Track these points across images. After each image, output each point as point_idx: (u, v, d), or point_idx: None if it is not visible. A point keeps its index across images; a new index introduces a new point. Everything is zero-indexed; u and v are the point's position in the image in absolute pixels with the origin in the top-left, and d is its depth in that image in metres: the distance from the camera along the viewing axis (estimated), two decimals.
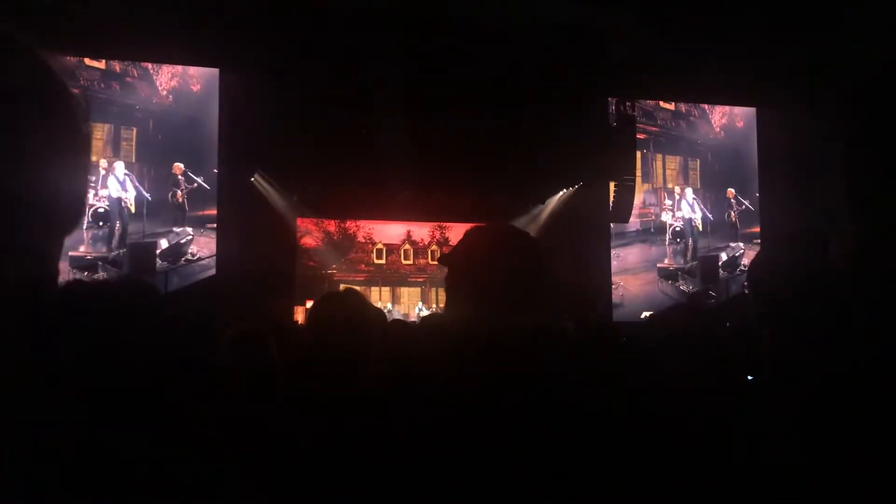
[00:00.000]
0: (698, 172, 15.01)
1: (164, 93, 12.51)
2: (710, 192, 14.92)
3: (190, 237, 12.60)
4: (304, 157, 11.36)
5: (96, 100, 12.04)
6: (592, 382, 2.11)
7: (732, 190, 15.00)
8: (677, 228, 14.83)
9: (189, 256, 12.63)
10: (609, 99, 12.12)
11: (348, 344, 1.95)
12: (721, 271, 14.48)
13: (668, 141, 14.45)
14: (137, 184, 12.58)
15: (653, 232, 14.43)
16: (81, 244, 12.26)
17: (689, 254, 14.79)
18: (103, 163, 12.45)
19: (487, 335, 1.44)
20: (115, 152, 12.53)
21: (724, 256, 14.78)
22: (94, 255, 11.86)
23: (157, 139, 12.63)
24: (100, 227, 12.35)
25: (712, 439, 1.42)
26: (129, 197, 12.50)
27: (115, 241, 12.30)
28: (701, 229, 14.92)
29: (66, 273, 10.42)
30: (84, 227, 12.08)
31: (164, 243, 12.56)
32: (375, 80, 10.41)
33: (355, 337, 1.96)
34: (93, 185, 12.01)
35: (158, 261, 12.10)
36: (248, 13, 10.00)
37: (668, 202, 14.87)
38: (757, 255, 1.53)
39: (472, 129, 11.60)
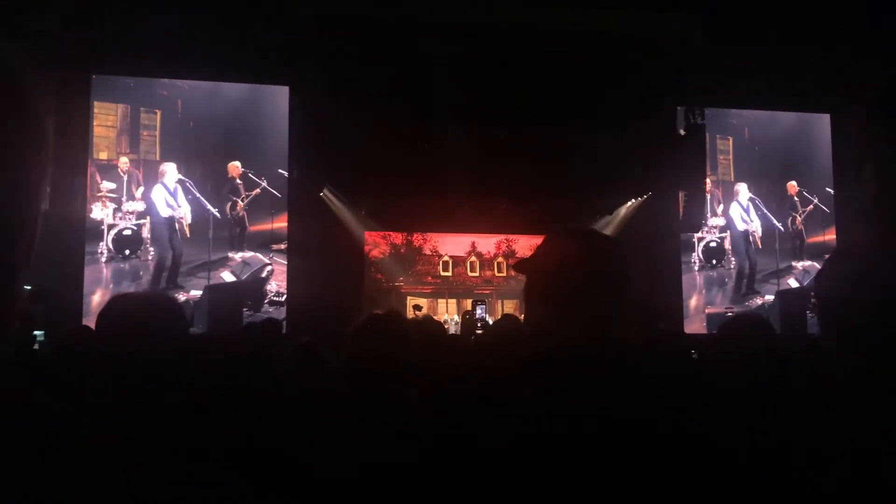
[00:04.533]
0: (731, 157, 11.15)
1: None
2: (751, 185, 11.17)
3: (269, 268, 9.84)
4: (371, 171, 11.48)
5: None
6: (657, 397, 2.06)
7: (794, 183, 11.00)
8: (712, 244, 10.78)
9: (275, 297, 9.86)
10: (677, 107, 11.89)
11: (382, 369, 1.97)
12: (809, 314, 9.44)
13: None
14: (197, 192, 9.46)
15: None
16: (97, 286, 9.06)
17: (745, 284, 10.61)
18: (123, 162, 9.35)
19: (551, 349, 1.42)
20: (133, 146, 9.33)
21: (791, 284, 10.78)
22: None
23: (187, 127, 9.63)
24: (125, 259, 9.15)
25: (775, 463, 1.37)
26: (185, 213, 9.49)
27: (163, 280, 9.23)
28: (761, 245, 10.75)
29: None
30: (103, 258, 9.09)
31: (226, 277, 9.57)
32: (439, 93, 10.46)
33: (390, 362, 1.98)
34: (112, 193, 9.27)
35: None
36: (314, 33, 10.18)
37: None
38: (829, 257, 1.39)
39: (537, 140, 11.54)
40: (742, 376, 1.90)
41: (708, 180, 11.35)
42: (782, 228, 11.02)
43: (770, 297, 10.78)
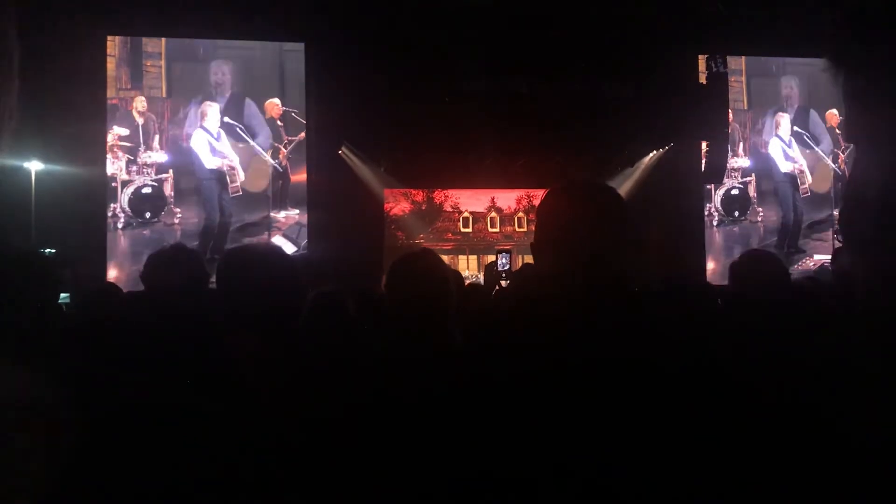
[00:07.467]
0: (743, 78, 9.16)
1: None
2: (764, 115, 8.78)
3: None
4: (390, 127, 11.41)
5: None
6: (676, 344, 2.04)
7: (836, 112, 8.64)
8: (733, 192, 8.96)
9: None
10: (699, 56, 11.66)
11: (428, 297, 1.97)
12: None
13: None
14: (249, 138, 7.28)
15: None
16: (112, 259, 6.99)
17: (787, 241, 8.59)
18: (140, 102, 7.24)
19: (570, 292, 1.40)
20: (134, 79, 7.20)
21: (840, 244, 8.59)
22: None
23: (198, 55, 7.69)
24: (145, 223, 7.03)
25: (793, 415, 1.35)
26: (235, 163, 7.35)
27: (209, 251, 7.20)
28: (808, 191, 8.42)
29: None
30: (120, 223, 7.08)
31: (281, 242, 7.46)
32: (457, 47, 10.32)
33: (434, 291, 1.98)
34: (124, 142, 7.24)
35: None
36: None
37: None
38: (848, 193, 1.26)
39: (557, 92, 11.39)
40: (758, 311, 1.88)
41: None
42: (839, 170, 8.80)
43: (821, 258, 8.77)
